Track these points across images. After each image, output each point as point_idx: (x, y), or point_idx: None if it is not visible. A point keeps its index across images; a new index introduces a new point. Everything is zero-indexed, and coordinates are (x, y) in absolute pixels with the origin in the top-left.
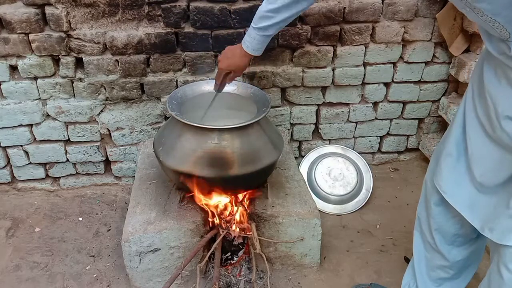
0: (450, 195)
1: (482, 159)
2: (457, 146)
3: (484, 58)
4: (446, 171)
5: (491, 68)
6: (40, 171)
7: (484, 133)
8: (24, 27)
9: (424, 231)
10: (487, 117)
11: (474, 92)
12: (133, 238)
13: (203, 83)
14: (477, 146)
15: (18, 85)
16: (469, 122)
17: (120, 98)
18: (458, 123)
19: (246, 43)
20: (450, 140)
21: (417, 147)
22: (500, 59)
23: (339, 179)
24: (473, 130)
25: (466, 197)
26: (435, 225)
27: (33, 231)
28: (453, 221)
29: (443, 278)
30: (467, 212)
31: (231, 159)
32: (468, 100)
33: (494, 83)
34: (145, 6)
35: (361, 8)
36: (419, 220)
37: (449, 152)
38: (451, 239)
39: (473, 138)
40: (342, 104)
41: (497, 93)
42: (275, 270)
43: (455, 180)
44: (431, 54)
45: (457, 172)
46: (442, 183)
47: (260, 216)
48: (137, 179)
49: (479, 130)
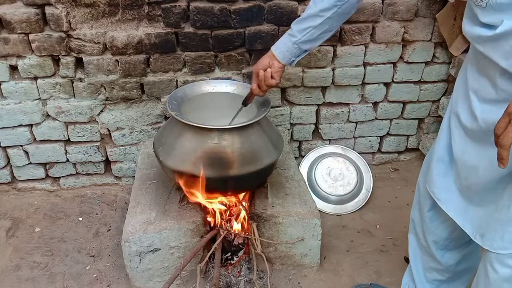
0: (443, 202)
1: (464, 160)
2: (447, 150)
3: (468, 59)
4: (439, 177)
5: (473, 66)
6: (40, 171)
7: (468, 133)
8: (24, 27)
9: (419, 234)
10: (470, 115)
11: (458, 95)
12: (133, 238)
13: (203, 83)
14: (459, 148)
15: (18, 85)
16: (453, 125)
17: (120, 98)
18: (446, 128)
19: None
20: (440, 145)
21: (417, 147)
22: (478, 49)
23: (339, 179)
24: (456, 133)
25: (458, 203)
26: (427, 229)
27: (33, 231)
28: (445, 225)
29: (439, 280)
30: (460, 218)
31: (231, 159)
32: (453, 103)
33: (476, 77)
34: (145, 6)
35: (361, 8)
36: (413, 223)
37: (441, 157)
38: (444, 243)
39: (455, 140)
40: (342, 104)
41: (479, 85)
42: (275, 270)
43: (448, 186)
44: (431, 54)
45: (449, 177)
46: (435, 189)
47: (260, 216)
48: (137, 179)
49: (461, 131)
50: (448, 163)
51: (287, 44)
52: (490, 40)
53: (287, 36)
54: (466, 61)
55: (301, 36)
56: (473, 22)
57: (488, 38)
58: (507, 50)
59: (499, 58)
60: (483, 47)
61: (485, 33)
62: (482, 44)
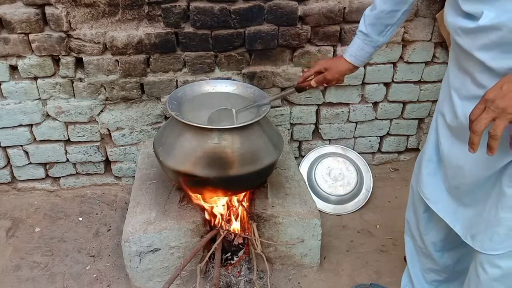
0: (433, 202)
1: (450, 160)
2: (436, 151)
3: (450, 58)
4: (428, 178)
5: (454, 63)
6: (40, 171)
7: (453, 133)
8: (24, 27)
9: (415, 235)
10: (452, 113)
11: (444, 96)
12: (133, 238)
13: (203, 83)
14: (445, 148)
15: (18, 85)
16: (439, 126)
17: (120, 98)
18: (434, 128)
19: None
20: (429, 145)
21: (417, 147)
22: (458, 42)
23: (339, 179)
24: (442, 133)
25: (448, 203)
26: (424, 231)
27: (33, 231)
28: (441, 226)
29: (438, 281)
30: (450, 218)
31: (231, 159)
32: (438, 104)
33: (456, 74)
34: (145, 6)
35: (361, 8)
36: (408, 224)
37: (430, 158)
38: (441, 244)
39: (441, 140)
40: (342, 104)
41: (460, 82)
42: (275, 270)
43: (437, 186)
44: (431, 54)
45: (438, 177)
46: (425, 190)
47: (260, 216)
48: (137, 179)
49: (447, 131)
50: (437, 163)
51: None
52: (470, 32)
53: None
54: (449, 61)
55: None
56: (455, 11)
57: (469, 30)
58: (486, 43)
59: (478, 52)
60: (463, 40)
61: (467, 24)
62: (462, 37)
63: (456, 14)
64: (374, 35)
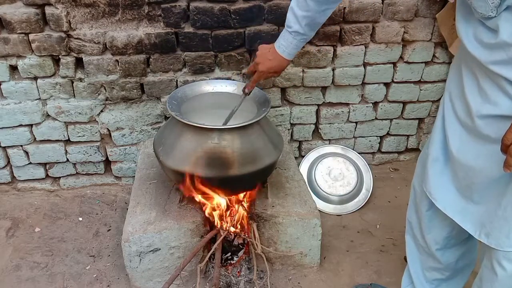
0: (440, 201)
1: (462, 159)
2: (442, 150)
3: (461, 59)
4: (434, 177)
5: (468, 71)
6: (40, 171)
7: (466, 131)
8: (24, 27)
9: (416, 235)
10: (467, 113)
11: (452, 94)
12: (133, 238)
13: (203, 83)
14: (456, 148)
15: (18, 85)
16: (449, 125)
17: (120, 98)
18: (440, 127)
19: (282, 47)
20: (435, 145)
21: (417, 147)
22: (474, 57)
23: (339, 179)
24: (453, 132)
25: (456, 202)
26: (426, 229)
27: (33, 231)
28: (444, 224)
29: (439, 279)
30: (459, 217)
31: (231, 159)
32: (446, 102)
33: (470, 75)
34: (145, 6)
35: (361, 8)
36: (410, 224)
37: (436, 157)
38: (443, 242)
39: (451, 139)
40: (342, 104)
41: (474, 94)
42: (275, 270)
43: (444, 185)
44: (431, 54)
45: (445, 176)
46: (432, 190)
47: (260, 216)
48: (137, 179)
49: (459, 130)
50: (443, 162)
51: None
52: (488, 47)
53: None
54: (459, 60)
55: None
56: (471, 22)
57: (487, 45)
58: (504, 59)
59: (493, 65)
60: (478, 51)
61: (486, 39)
62: (479, 49)
63: (470, 24)
64: (310, 33)
